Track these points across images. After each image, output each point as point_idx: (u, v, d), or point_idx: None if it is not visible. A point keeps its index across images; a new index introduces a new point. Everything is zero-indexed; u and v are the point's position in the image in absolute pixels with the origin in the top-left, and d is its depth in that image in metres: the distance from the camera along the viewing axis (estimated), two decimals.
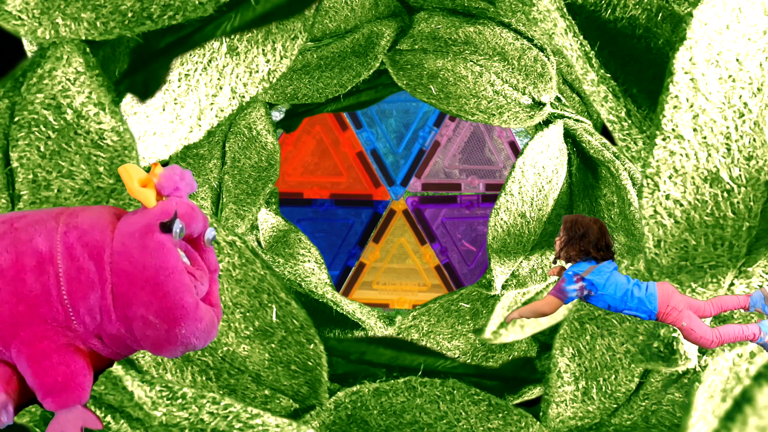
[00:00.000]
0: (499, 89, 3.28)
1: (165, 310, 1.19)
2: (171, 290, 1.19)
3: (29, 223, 1.24)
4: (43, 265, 1.20)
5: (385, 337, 3.46)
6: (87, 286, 1.20)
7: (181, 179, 1.25)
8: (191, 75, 2.68)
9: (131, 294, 1.19)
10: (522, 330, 3.51)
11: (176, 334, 1.22)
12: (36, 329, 1.20)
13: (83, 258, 1.20)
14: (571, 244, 1.74)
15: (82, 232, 1.22)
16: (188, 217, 1.24)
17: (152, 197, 1.22)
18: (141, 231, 1.20)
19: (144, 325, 1.20)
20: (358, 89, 3.66)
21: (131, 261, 1.18)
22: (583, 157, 3.56)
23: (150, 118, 2.68)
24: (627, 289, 1.74)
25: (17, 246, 1.21)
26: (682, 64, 2.15)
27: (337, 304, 3.33)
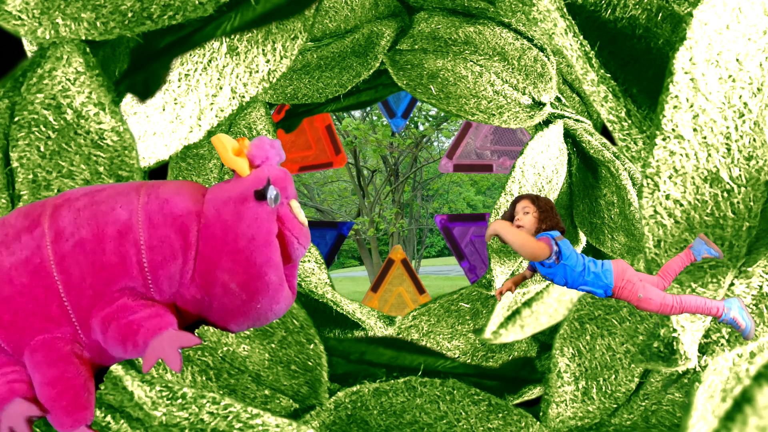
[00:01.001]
0: (499, 89, 3.28)
1: (248, 281, 1.19)
2: (258, 262, 1.18)
3: (110, 195, 1.24)
4: (124, 234, 1.19)
5: (385, 337, 3.46)
6: (169, 255, 1.20)
7: (272, 148, 1.25)
8: (191, 75, 2.68)
9: (217, 260, 1.18)
10: (522, 330, 3.51)
11: (252, 306, 1.22)
12: (116, 297, 1.19)
13: (165, 227, 1.19)
14: (548, 216, 1.76)
15: (163, 201, 1.21)
16: (282, 181, 1.24)
17: (246, 165, 1.22)
18: (236, 199, 1.19)
19: (224, 291, 1.20)
20: (358, 89, 3.66)
21: (223, 227, 1.18)
22: (583, 157, 3.56)
23: (150, 118, 2.67)
24: (584, 265, 1.76)
25: (98, 217, 1.20)
26: (682, 64, 2.15)
27: (337, 304, 3.33)
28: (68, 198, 1.26)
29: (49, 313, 1.20)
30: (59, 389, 1.18)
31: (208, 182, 3.18)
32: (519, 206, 1.79)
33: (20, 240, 1.20)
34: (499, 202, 3.26)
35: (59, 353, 1.20)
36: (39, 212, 1.23)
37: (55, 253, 1.19)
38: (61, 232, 1.20)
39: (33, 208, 1.26)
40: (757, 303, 2.17)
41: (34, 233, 1.20)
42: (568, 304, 3.48)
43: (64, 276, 1.19)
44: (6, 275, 1.19)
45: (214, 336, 2.69)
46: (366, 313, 3.50)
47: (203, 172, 3.18)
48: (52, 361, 1.19)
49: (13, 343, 1.22)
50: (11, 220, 1.24)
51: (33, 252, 1.19)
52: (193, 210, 1.21)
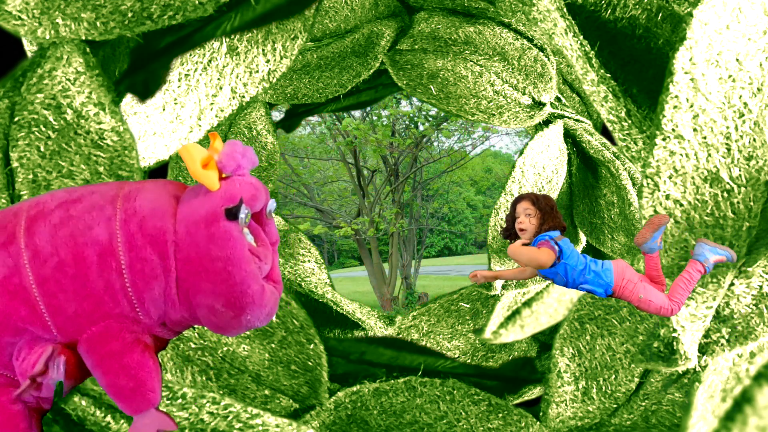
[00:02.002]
0: (499, 89, 3.28)
1: (232, 300, 1.17)
2: (238, 280, 1.16)
3: (86, 209, 1.20)
4: (105, 258, 1.17)
5: (385, 337, 3.46)
6: (151, 278, 1.18)
7: (243, 156, 1.21)
8: (191, 75, 2.68)
9: (198, 283, 1.17)
10: (522, 330, 3.51)
11: (241, 320, 1.21)
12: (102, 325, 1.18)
13: (146, 249, 1.17)
14: (549, 217, 1.76)
15: (141, 220, 1.18)
16: (253, 199, 1.21)
17: (215, 180, 1.18)
18: (206, 219, 1.16)
19: (210, 312, 1.19)
20: (358, 89, 3.66)
21: (197, 251, 1.16)
22: (583, 157, 3.56)
23: (150, 118, 2.67)
24: (585, 263, 1.76)
25: (76, 237, 1.17)
26: (682, 64, 2.14)
27: (337, 304, 3.33)
28: (42, 210, 1.21)
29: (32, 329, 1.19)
30: None
31: None
32: (520, 207, 1.79)
33: None
34: (499, 202, 3.26)
35: None
36: (13, 225, 1.20)
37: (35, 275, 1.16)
38: (39, 252, 1.17)
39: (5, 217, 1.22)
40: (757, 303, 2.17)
41: (10, 250, 1.17)
42: (568, 304, 3.48)
43: (47, 299, 1.17)
44: None
45: (214, 336, 2.68)
46: (366, 313, 3.50)
47: None
48: None
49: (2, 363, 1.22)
50: None
51: (11, 271, 1.16)
52: (170, 229, 1.18)
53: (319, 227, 11.82)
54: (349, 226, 11.31)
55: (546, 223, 1.75)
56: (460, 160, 13.25)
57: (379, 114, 11.18)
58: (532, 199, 1.78)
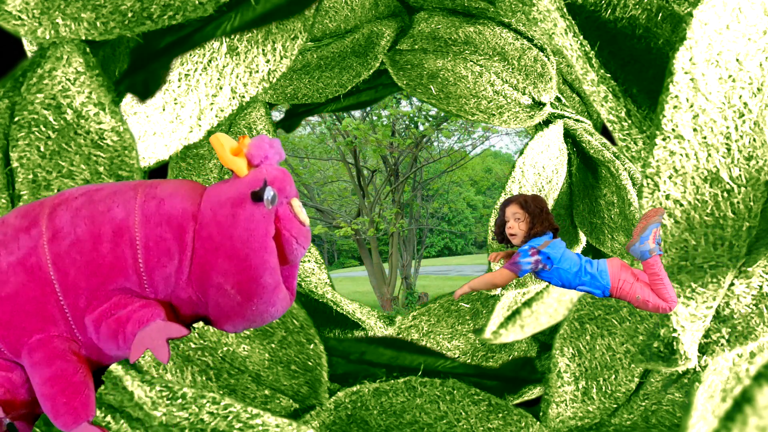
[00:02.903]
0: (499, 89, 3.28)
1: (243, 283, 1.18)
2: (254, 264, 1.18)
3: (107, 194, 1.24)
4: (120, 233, 1.19)
5: (385, 337, 3.46)
6: (165, 256, 1.19)
7: (271, 147, 1.24)
8: (191, 75, 2.68)
9: (213, 262, 1.18)
10: (522, 330, 3.51)
11: (247, 308, 1.22)
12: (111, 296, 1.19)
13: (161, 227, 1.19)
14: (538, 220, 1.73)
15: (160, 201, 1.21)
16: (280, 182, 1.23)
17: (244, 166, 1.21)
18: (232, 200, 1.18)
19: (219, 293, 1.20)
20: (358, 89, 3.66)
21: (219, 229, 1.17)
22: (583, 157, 3.56)
23: (150, 118, 2.67)
24: (580, 265, 1.74)
25: (95, 217, 1.20)
26: (682, 64, 2.14)
27: (337, 304, 3.33)
28: (66, 198, 1.25)
29: (46, 312, 1.20)
30: (58, 387, 1.18)
31: (208, 182, 3.18)
32: (509, 212, 1.77)
33: (18, 240, 1.20)
34: (499, 202, 3.26)
35: (57, 351, 1.20)
36: (37, 212, 1.23)
37: (51, 252, 1.19)
38: (58, 231, 1.20)
39: (32, 208, 1.26)
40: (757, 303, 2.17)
41: (32, 233, 1.20)
42: (568, 304, 3.48)
43: (60, 275, 1.19)
44: (3, 275, 1.19)
45: (214, 336, 2.68)
46: (366, 313, 3.50)
47: (203, 172, 3.17)
48: (50, 359, 1.19)
49: (11, 344, 1.22)
50: (10, 220, 1.24)
51: (29, 251, 1.19)
52: (189, 210, 1.20)
53: (319, 227, 11.75)
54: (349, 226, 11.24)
55: (536, 226, 1.73)
56: (460, 160, 13.19)
57: (379, 114, 11.12)
58: (520, 203, 1.75)
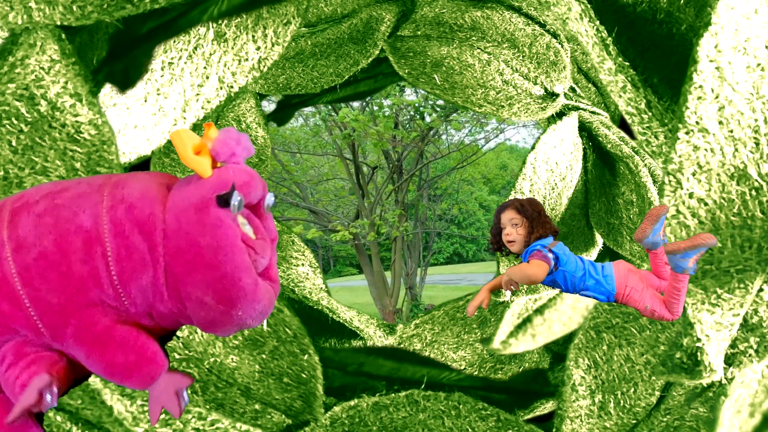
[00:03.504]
0: (509, 79, 3.28)
1: (222, 292, 1.19)
2: (229, 271, 1.18)
3: (71, 198, 1.23)
4: (90, 245, 1.19)
5: (386, 347, 3.46)
6: (139, 266, 1.20)
7: (237, 144, 1.23)
8: (175, 63, 2.68)
9: (186, 274, 1.19)
10: (533, 339, 3.51)
11: (232, 315, 1.22)
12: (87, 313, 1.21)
13: (133, 235, 1.19)
14: (537, 224, 1.78)
15: (129, 206, 1.21)
16: (247, 186, 1.23)
17: (208, 166, 1.20)
18: (196, 206, 1.18)
19: (199, 306, 1.21)
20: (356, 79, 3.66)
21: (187, 239, 1.18)
22: (599, 152, 3.56)
23: (131, 110, 2.68)
24: (585, 269, 1.78)
25: (60, 225, 1.20)
26: (707, 52, 2.14)
27: (333, 311, 3.34)
28: (26, 201, 1.25)
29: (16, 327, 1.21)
30: None
31: None
32: (505, 218, 1.81)
33: None
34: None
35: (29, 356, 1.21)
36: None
37: (17, 264, 1.19)
38: (22, 242, 1.20)
39: None
40: None
41: None
42: (583, 312, 3.48)
43: (29, 290, 1.20)
44: None
45: (200, 346, 2.69)
46: (364, 321, 3.50)
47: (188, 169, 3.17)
48: None
49: None
50: None
51: None
52: (160, 216, 1.21)
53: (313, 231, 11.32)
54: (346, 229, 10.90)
55: (535, 231, 1.77)
56: (471, 155, 12.66)
57: (381, 104, 10.68)
58: (516, 207, 1.80)
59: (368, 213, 11.37)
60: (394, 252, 11.83)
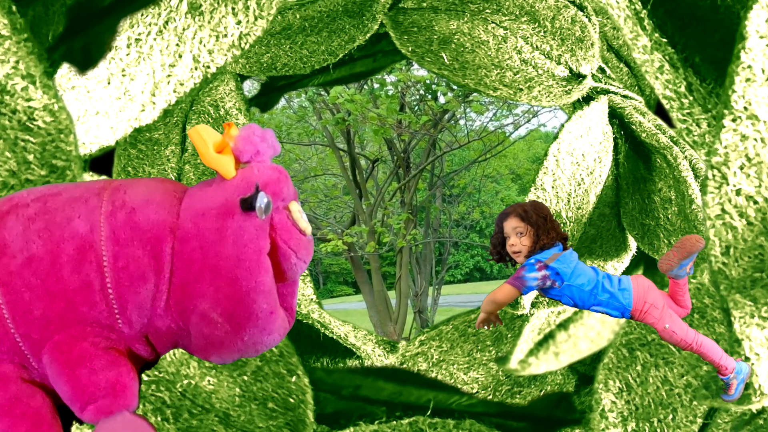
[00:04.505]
0: (528, 58, 3.28)
1: (233, 311, 1.20)
2: (245, 289, 1.19)
3: (66, 202, 1.24)
4: (84, 252, 1.20)
5: (386, 367, 3.46)
6: (138, 279, 1.21)
7: (262, 141, 1.24)
8: (143, 40, 2.68)
9: (197, 285, 1.20)
10: (557, 358, 3.51)
11: (237, 340, 1.24)
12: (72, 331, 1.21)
13: (133, 244, 1.20)
14: (543, 231, 1.84)
15: (130, 211, 1.22)
16: (275, 185, 1.24)
17: (231, 165, 1.21)
18: (218, 210, 1.19)
19: (203, 321, 1.22)
20: (351, 58, 3.66)
21: (204, 247, 1.19)
22: (632, 142, 3.56)
23: (92, 94, 2.68)
24: (597, 281, 1.83)
25: (52, 231, 1.21)
26: (757, 26, 2.14)
27: (326, 326, 3.34)
28: (16, 204, 1.26)
29: None
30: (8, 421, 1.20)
31: (165, 173, 3.18)
32: (508, 226, 1.87)
33: None
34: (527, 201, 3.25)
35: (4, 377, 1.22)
36: None
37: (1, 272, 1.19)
38: (7, 247, 1.21)
39: None
40: None
41: None
42: (613, 327, 3.48)
43: (11, 298, 1.20)
44: None
45: (172, 367, 2.69)
46: (361, 337, 3.50)
47: (158, 161, 3.18)
48: None
49: None
50: None
51: None
52: (166, 222, 1.22)
53: None
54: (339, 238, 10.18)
55: (542, 238, 1.83)
56: (497, 144, 11.31)
57: (383, 81, 9.58)
58: (519, 214, 1.86)
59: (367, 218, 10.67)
60: (399, 267, 10.90)
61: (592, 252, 3.52)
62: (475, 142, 11.11)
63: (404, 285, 10.63)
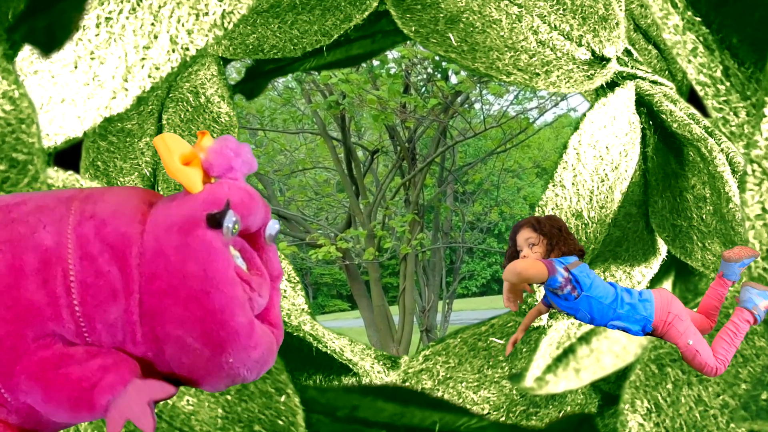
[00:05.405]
0: (545, 39, 3.28)
1: (208, 333, 1.21)
2: (218, 307, 1.20)
3: (30, 211, 1.26)
4: (49, 265, 1.21)
5: (386, 385, 3.47)
6: (107, 296, 1.22)
7: (237, 155, 1.25)
8: (114, 19, 2.68)
9: (165, 308, 1.20)
10: (577, 376, 3.51)
11: (220, 363, 1.24)
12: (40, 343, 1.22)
13: (103, 258, 1.21)
14: (557, 241, 1.91)
15: (100, 223, 1.23)
16: (244, 207, 1.25)
17: (198, 179, 1.22)
18: (182, 225, 1.20)
19: (180, 349, 1.22)
20: (347, 39, 3.67)
21: (167, 265, 1.20)
22: (662, 133, 3.56)
23: (57, 79, 2.68)
24: (616, 294, 1.88)
25: (15, 243, 1.22)
26: None
27: (319, 339, 3.34)
28: None
29: None
30: None
31: (138, 168, 3.19)
32: (521, 238, 1.95)
33: None
34: (546, 197, 3.26)
35: None
36: None
37: None
38: None
39: None
40: None
41: None
42: (641, 340, 3.49)
43: None
44: None
45: None
46: (359, 352, 3.50)
47: (131, 155, 3.18)
48: None
49: None
50: None
51: None
52: (136, 237, 1.23)
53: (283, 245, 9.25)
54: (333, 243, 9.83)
55: (555, 249, 1.91)
56: (519, 133, 10.64)
57: (384, 58, 8.87)
58: (532, 225, 1.94)
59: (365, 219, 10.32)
60: (403, 277, 10.44)
61: (617, 256, 3.52)
62: (492, 130, 10.63)
63: (409, 299, 10.30)
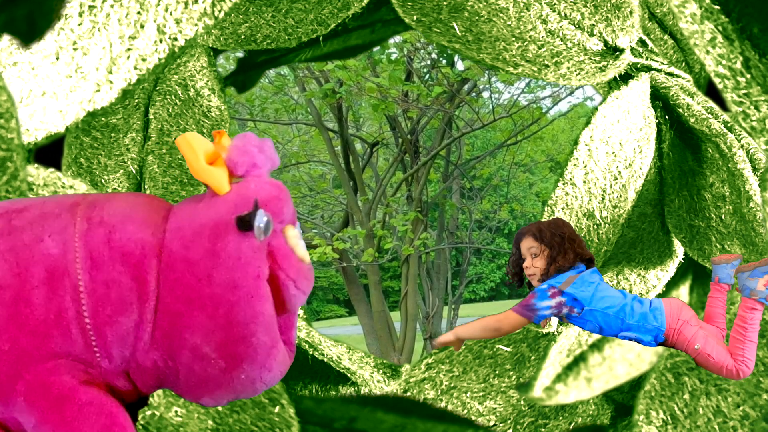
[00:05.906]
0: (555, 28, 3.29)
1: (228, 345, 1.23)
2: (242, 320, 1.22)
3: (34, 219, 1.27)
4: (56, 277, 1.22)
5: (387, 395, 3.47)
6: (119, 307, 1.23)
7: (260, 151, 1.27)
8: (98, 7, 2.68)
9: (186, 316, 1.22)
10: (589, 385, 3.52)
11: (232, 377, 1.26)
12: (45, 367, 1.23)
13: (114, 267, 1.23)
14: (559, 251, 1.92)
15: (110, 229, 1.24)
16: (275, 203, 1.27)
17: (225, 179, 1.24)
18: (211, 230, 1.22)
19: (194, 357, 1.24)
20: (345, 28, 3.67)
21: (194, 272, 1.21)
22: (679, 128, 3.57)
23: (37, 71, 2.68)
24: (624, 304, 1.90)
25: (19, 253, 1.23)
26: None
27: (315, 346, 3.34)
28: None
29: None
30: None
31: (124, 165, 3.19)
32: (524, 246, 1.97)
33: None
34: (555, 196, 3.27)
35: None
36: None
37: None
38: None
39: None
40: None
41: None
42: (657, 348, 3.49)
43: None
44: None
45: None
46: (358, 360, 3.51)
47: (116, 151, 3.18)
48: None
49: None
50: None
51: None
52: (151, 243, 1.24)
53: None
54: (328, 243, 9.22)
55: (557, 260, 1.92)
56: (531, 124, 10.37)
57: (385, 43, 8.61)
58: (533, 234, 1.96)
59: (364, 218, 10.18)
60: (405, 281, 10.17)
61: (631, 259, 3.52)
62: (502, 121, 10.32)
63: (411, 304, 10.09)
